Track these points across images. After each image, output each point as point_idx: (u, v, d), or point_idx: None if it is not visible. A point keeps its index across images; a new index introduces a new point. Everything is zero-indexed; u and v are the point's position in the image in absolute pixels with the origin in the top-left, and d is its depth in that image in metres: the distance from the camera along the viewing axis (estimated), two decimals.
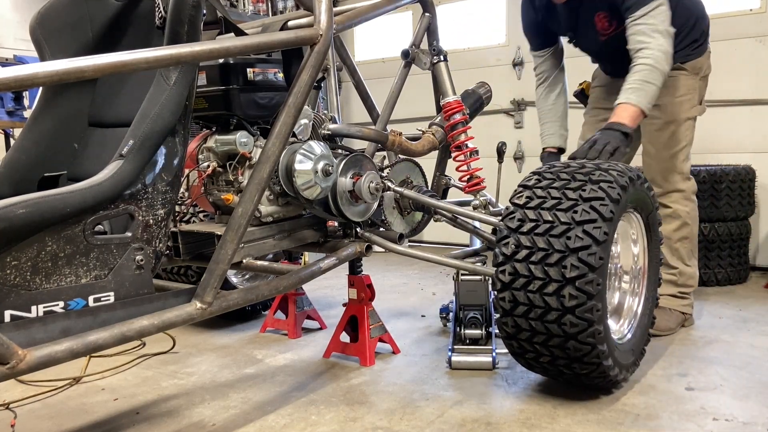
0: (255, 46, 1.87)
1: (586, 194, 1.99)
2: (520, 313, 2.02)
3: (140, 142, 1.69)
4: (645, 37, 2.51)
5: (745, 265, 3.83)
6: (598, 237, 1.91)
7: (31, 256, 1.51)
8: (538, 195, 2.06)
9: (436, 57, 2.66)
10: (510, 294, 2.02)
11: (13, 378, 1.45)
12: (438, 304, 3.22)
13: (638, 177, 2.18)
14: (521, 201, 2.08)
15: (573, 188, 2.03)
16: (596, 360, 2.01)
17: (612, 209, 1.96)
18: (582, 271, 1.90)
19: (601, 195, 1.98)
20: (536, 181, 2.13)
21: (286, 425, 2.07)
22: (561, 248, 1.93)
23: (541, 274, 1.95)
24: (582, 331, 1.94)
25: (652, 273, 2.43)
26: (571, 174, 2.09)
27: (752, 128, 4.10)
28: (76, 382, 2.52)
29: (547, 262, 1.94)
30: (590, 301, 1.91)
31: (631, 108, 2.46)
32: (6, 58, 4.86)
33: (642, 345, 2.35)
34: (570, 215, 1.96)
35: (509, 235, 2.03)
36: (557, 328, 1.97)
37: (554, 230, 1.96)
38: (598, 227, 1.92)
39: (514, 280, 2.00)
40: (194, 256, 2.21)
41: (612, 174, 2.06)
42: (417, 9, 2.84)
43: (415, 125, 2.82)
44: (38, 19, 2.08)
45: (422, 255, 2.45)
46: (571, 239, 1.92)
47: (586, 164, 2.15)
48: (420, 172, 2.68)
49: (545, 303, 1.96)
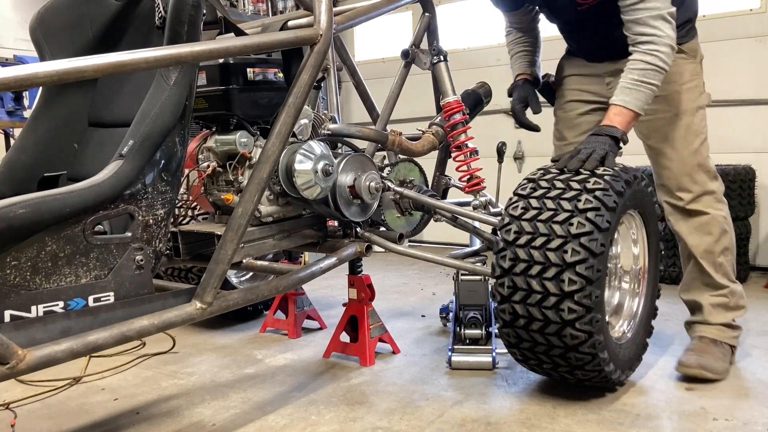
0: (255, 46, 1.87)
1: (582, 205, 1.97)
2: (521, 325, 2.02)
3: (140, 142, 1.69)
4: (647, 28, 2.17)
5: (745, 265, 3.82)
6: (594, 249, 1.90)
7: (31, 256, 1.51)
8: (534, 206, 2.04)
9: (436, 57, 2.66)
10: (510, 306, 2.02)
11: (13, 378, 1.45)
12: (438, 304, 3.22)
13: (635, 178, 2.15)
14: (517, 212, 2.06)
15: (568, 198, 2.00)
16: (598, 368, 2.02)
17: (608, 219, 1.95)
18: (580, 285, 1.90)
19: (597, 205, 1.96)
20: (531, 190, 2.10)
21: (286, 425, 2.07)
22: (558, 262, 1.92)
23: (539, 288, 1.95)
24: (582, 343, 1.95)
25: (652, 272, 2.42)
26: (566, 182, 2.06)
27: (752, 128, 4.09)
28: (76, 382, 2.52)
29: (544, 276, 1.94)
30: (589, 313, 1.91)
31: (626, 111, 2.20)
32: (6, 58, 4.87)
33: (642, 344, 2.35)
34: (566, 228, 1.95)
35: (506, 248, 2.03)
36: (558, 340, 1.98)
37: (551, 244, 1.95)
38: (595, 239, 1.91)
39: (513, 293, 2.01)
40: (194, 256, 2.21)
41: (606, 180, 2.02)
42: (417, 9, 2.84)
43: (415, 125, 2.81)
44: (38, 19, 2.08)
45: (422, 255, 2.45)
46: (568, 253, 1.92)
47: (581, 171, 2.09)
48: (420, 172, 2.68)
49: (544, 316, 1.96)
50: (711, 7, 4.20)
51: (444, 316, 3.08)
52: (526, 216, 2.03)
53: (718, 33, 4.16)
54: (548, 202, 2.02)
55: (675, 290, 3.61)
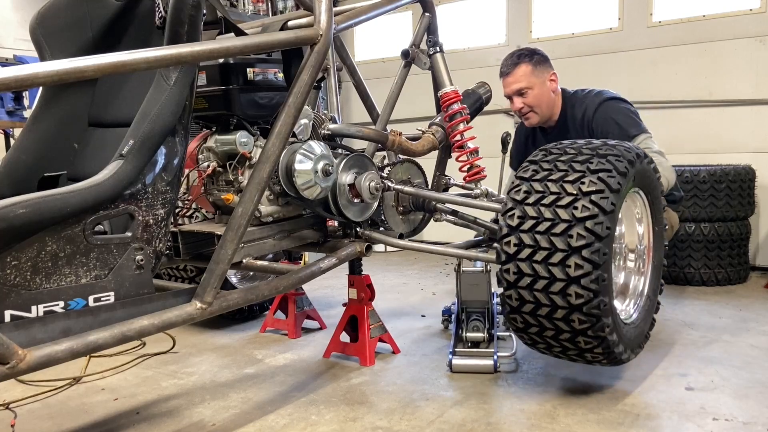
0: (255, 46, 1.87)
1: (586, 187, 1.97)
2: (528, 310, 2.01)
3: (140, 142, 1.69)
4: None
5: (745, 265, 3.83)
6: (600, 233, 1.89)
7: (31, 256, 1.51)
8: (537, 190, 2.04)
9: (433, 48, 2.67)
10: (516, 292, 2.01)
11: (13, 378, 1.45)
12: (438, 304, 3.22)
13: (638, 156, 2.15)
14: (519, 196, 2.06)
15: (572, 181, 2.00)
16: (607, 349, 1.99)
17: (613, 201, 1.95)
18: (586, 270, 1.88)
19: (601, 187, 1.96)
20: (533, 172, 2.10)
21: (286, 425, 2.07)
22: (563, 247, 1.91)
23: (545, 273, 1.94)
24: (591, 327, 1.93)
25: (657, 252, 2.41)
26: (568, 164, 2.07)
27: (752, 128, 4.10)
28: (76, 382, 2.52)
29: (550, 262, 1.93)
30: (596, 297, 1.90)
31: None
32: (6, 58, 4.87)
33: (649, 322, 2.34)
34: (570, 211, 1.94)
35: (510, 233, 2.02)
36: (566, 324, 1.96)
37: (555, 228, 1.94)
38: (600, 222, 1.91)
39: (519, 279, 1.99)
40: (194, 256, 2.21)
41: (610, 160, 2.04)
42: (417, 9, 2.84)
43: (415, 125, 2.82)
44: (38, 19, 2.08)
45: (423, 247, 2.46)
46: (573, 237, 1.91)
47: (583, 151, 2.11)
48: (420, 171, 2.68)
49: (551, 301, 1.94)
50: (711, 7, 4.20)
51: (446, 318, 3.07)
52: (529, 200, 2.02)
53: (718, 33, 4.16)
54: (551, 185, 2.02)
55: (675, 290, 3.63)
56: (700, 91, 4.23)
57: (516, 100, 2.94)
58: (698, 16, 4.23)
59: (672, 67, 4.33)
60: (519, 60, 2.90)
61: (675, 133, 4.30)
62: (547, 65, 2.92)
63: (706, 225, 3.70)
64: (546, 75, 2.87)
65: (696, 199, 3.71)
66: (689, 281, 3.76)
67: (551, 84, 2.89)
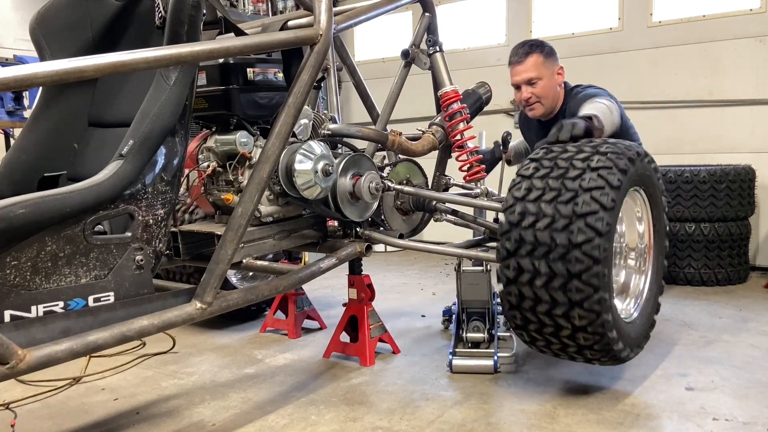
0: (255, 46, 1.87)
1: (586, 184, 1.97)
2: (527, 307, 2.00)
3: (140, 142, 1.69)
4: None
5: (745, 265, 3.83)
6: (600, 229, 1.89)
7: (31, 256, 1.51)
8: (537, 187, 2.04)
9: (432, 48, 2.67)
10: (516, 288, 2.01)
11: (13, 378, 1.45)
12: (438, 304, 3.22)
13: (638, 155, 2.15)
14: (520, 193, 2.06)
15: (572, 177, 2.01)
16: (607, 347, 1.99)
17: (613, 197, 1.95)
18: (587, 265, 1.88)
19: (601, 183, 1.96)
20: (534, 170, 2.10)
21: (286, 425, 2.07)
22: (564, 243, 1.91)
23: (545, 269, 1.93)
24: (590, 323, 1.93)
25: (658, 249, 2.40)
26: (569, 161, 2.07)
27: (752, 128, 4.09)
28: (76, 382, 2.52)
29: (550, 257, 1.93)
30: (597, 293, 1.89)
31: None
32: (6, 58, 4.86)
33: (650, 321, 2.33)
34: (571, 207, 1.94)
35: (511, 230, 2.02)
36: (565, 321, 1.96)
37: (556, 224, 1.94)
38: (600, 218, 1.91)
39: (519, 275, 1.99)
40: (194, 256, 2.21)
41: (610, 158, 2.04)
42: (417, 9, 2.84)
43: (415, 125, 2.82)
44: (38, 19, 2.08)
45: (423, 247, 2.45)
46: (574, 233, 1.90)
47: (583, 149, 2.11)
48: (420, 171, 2.68)
49: (551, 298, 1.94)
50: (711, 7, 4.20)
51: (446, 318, 3.07)
52: (530, 197, 2.02)
53: (718, 33, 4.16)
54: (552, 182, 2.02)
55: (675, 290, 3.63)
56: (700, 91, 4.23)
57: (524, 90, 2.89)
58: (698, 16, 4.23)
59: (672, 67, 4.33)
60: (531, 50, 2.87)
61: (675, 133, 4.30)
62: (555, 58, 2.90)
63: (706, 225, 3.70)
64: (555, 68, 2.85)
65: (696, 199, 3.71)
66: (689, 281, 3.76)
67: (558, 77, 2.87)
